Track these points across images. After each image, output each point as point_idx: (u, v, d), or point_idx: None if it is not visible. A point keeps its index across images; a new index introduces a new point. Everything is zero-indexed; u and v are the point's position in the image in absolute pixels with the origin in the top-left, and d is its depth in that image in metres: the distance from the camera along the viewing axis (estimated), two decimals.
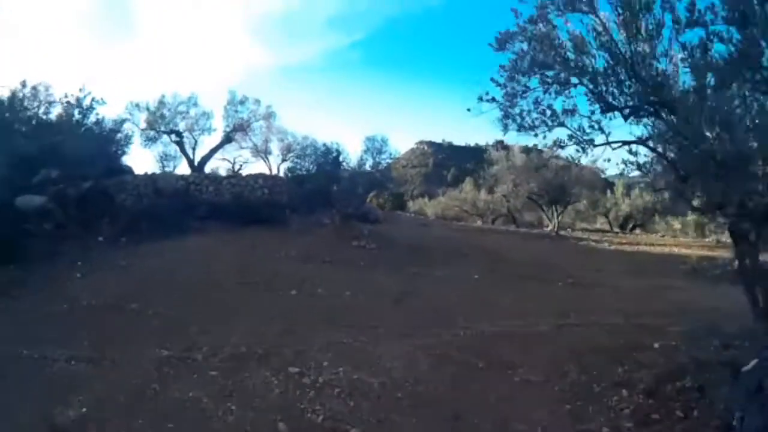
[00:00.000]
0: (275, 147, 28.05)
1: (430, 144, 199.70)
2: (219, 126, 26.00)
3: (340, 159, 26.24)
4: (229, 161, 28.77)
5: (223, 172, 26.62)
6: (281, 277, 11.96)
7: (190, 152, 24.61)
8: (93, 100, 19.92)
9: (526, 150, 25.54)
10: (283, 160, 28.29)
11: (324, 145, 21.98)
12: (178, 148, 24.20)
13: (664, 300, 11.21)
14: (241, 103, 25.03)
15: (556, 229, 24.81)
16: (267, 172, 30.27)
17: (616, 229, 32.89)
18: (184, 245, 15.65)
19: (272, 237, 16.93)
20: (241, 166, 29.40)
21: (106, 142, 21.51)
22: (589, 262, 15.94)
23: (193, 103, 24.29)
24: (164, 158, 25.95)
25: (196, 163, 24.23)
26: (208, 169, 25.85)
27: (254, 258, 13.87)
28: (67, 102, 19.99)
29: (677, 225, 29.46)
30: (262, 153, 28.02)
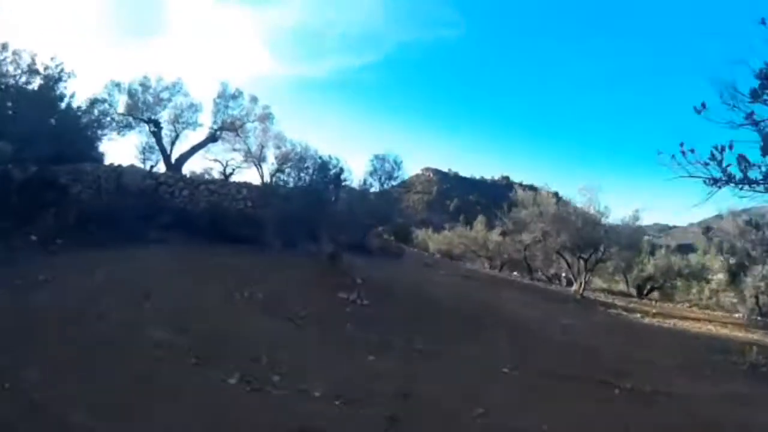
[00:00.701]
0: (271, 154, 24.74)
1: (436, 172, 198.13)
2: (207, 122, 22.62)
3: (342, 177, 23.17)
4: (221, 163, 25.35)
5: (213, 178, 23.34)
6: (229, 343, 8.44)
7: (168, 147, 21.25)
8: (62, 71, 16.49)
9: (557, 197, 22.63)
10: (278, 171, 25.00)
11: (321, 158, 18.77)
12: (155, 141, 20.80)
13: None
14: (234, 97, 21.97)
15: (581, 291, 21.34)
16: (258, 181, 27.20)
17: (632, 289, 30.22)
18: (129, 261, 12.88)
19: (242, 264, 13.96)
20: (233, 171, 26.09)
21: (73, 121, 18.17)
22: (634, 346, 12.81)
23: (177, 90, 21.01)
24: (146, 151, 22.62)
25: (173, 161, 20.82)
26: (187, 169, 22.45)
27: (205, 297, 10.59)
28: (30, 69, 16.58)
29: (705, 291, 26.58)
30: (256, 159, 24.69)
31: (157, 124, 20.71)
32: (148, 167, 21.68)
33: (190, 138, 22.47)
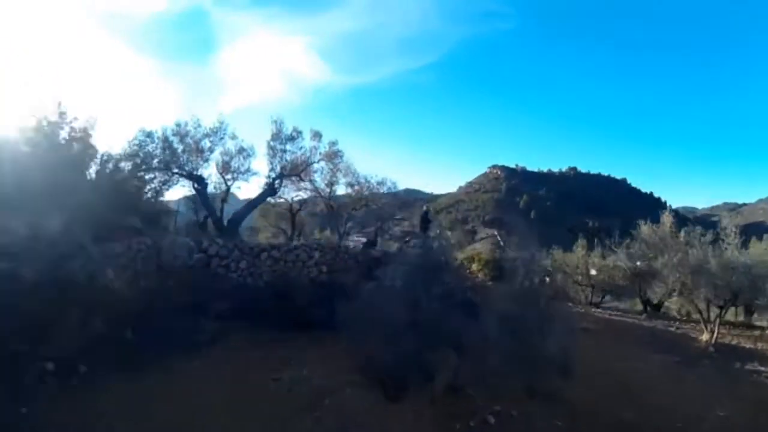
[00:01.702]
0: (342, 188, 20.98)
1: (503, 169, 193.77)
2: (263, 167, 18.71)
3: (428, 216, 19.13)
4: (286, 200, 21.55)
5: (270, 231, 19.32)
6: None
7: (217, 206, 17.34)
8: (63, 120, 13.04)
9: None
10: (353, 209, 21.03)
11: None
12: (199, 199, 16.95)
13: None
14: (292, 139, 17.73)
15: (714, 341, 17.30)
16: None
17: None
18: (166, 393, 9.64)
19: (325, 384, 10.28)
20: (300, 207, 22.31)
21: (100, 187, 14.44)
22: None
23: (222, 134, 17.10)
24: (197, 209, 18.87)
25: (225, 221, 16.90)
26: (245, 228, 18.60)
27: None
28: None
29: None
30: (324, 197, 20.82)
31: (200, 180, 16.80)
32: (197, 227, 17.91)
33: (244, 189, 18.53)
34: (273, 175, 17.86)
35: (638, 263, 23.04)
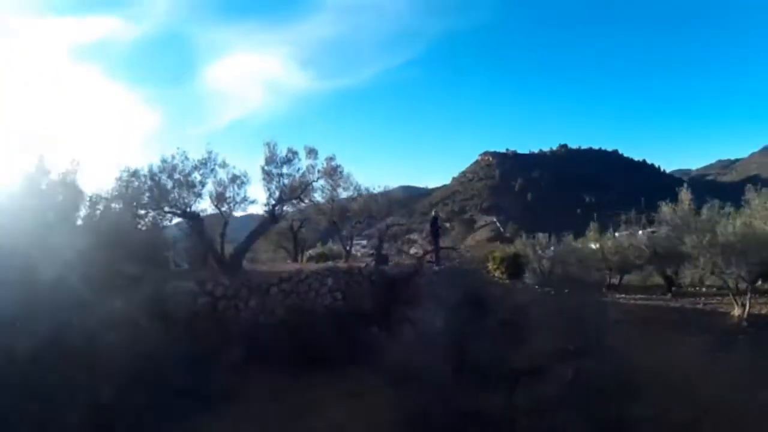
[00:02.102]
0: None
1: (495, 155, 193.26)
2: (260, 195, 17.62)
3: (438, 222, 18.14)
4: (286, 220, 20.58)
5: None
6: None
7: (217, 242, 16.24)
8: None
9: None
10: (357, 222, 20.01)
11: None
12: (198, 238, 15.83)
13: None
14: (288, 161, 16.54)
15: (746, 315, 16.78)
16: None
17: None
18: None
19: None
20: (301, 224, 21.27)
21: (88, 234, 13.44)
22: None
23: (212, 165, 15.90)
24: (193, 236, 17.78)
25: (227, 256, 15.79)
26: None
27: None
28: None
29: None
30: (328, 215, 19.84)
31: (195, 217, 15.65)
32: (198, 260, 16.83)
33: (242, 221, 17.38)
34: (272, 201, 16.68)
35: (659, 248, 22.23)
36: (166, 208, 15.80)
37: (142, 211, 16.08)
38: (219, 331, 12.66)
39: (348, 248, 21.84)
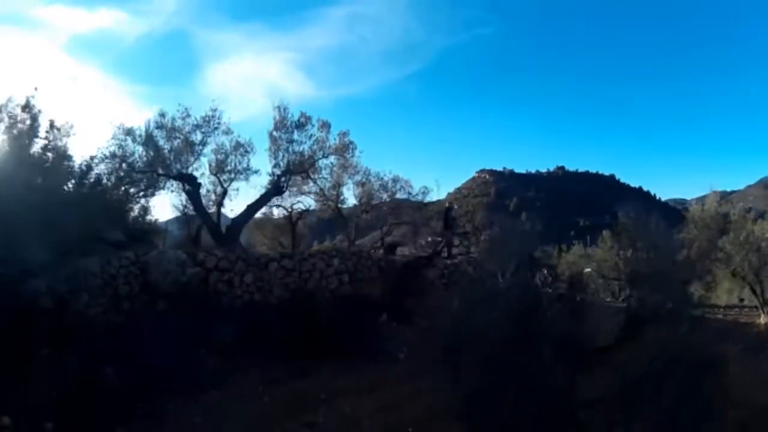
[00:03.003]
0: (351, 191, 18.14)
1: (491, 172, 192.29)
2: (264, 165, 15.81)
3: (452, 214, 16.46)
4: (284, 208, 18.62)
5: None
6: None
7: (213, 211, 14.43)
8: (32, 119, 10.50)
9: None
10: (363, 212, 18.16)
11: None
12: (191, 205, 14.03)
13: None
14: (300, 126, 14.71)
15: None
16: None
17: None
18: None
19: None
20: (300, 215, 19.37)
21: (69, 198, 11.62)
22: None
23: (215, 127, 14.14)
24: (188, 218, 15.98)
25: (224, 229, 14.00)
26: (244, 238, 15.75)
27: None
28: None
29: None
30: (332, 201, 17.93)
31: (191, 180, 13.87)
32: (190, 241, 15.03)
33: (243, 192, 15.54)
34: (278, 171, 14.85)
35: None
36: (160, 170, 14.05)
37: (135, 189, 14.30)
38: (209, 308, 10.94)
39: (352, 239, 20.03)
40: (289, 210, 19.38)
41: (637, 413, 6.26)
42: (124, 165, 14.05)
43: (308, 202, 19.82)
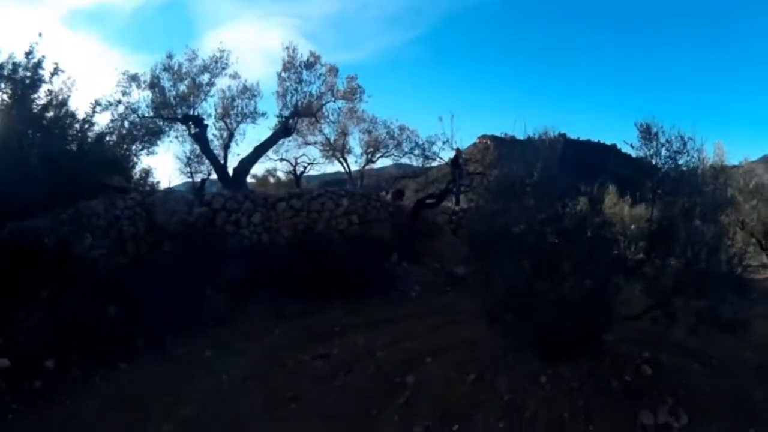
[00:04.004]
0: (357, 142, 17.26)
1: (493, 138, 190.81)
2: (271, 109, 15.07)
3: (460, 161, 15.64)
4: (289, 162, 17.83)
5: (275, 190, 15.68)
6: None
7: (220, 154, 13.69)
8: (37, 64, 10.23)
9: None
10: (369, 161, 17.36)
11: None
12: (198, 147, 13.31)
13: None
14: (309, 66, 13.85)
15: None
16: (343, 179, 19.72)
17: None
18: (167, 392, 6.40)
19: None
20: (304, 169, 18.58)
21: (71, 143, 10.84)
22: None
23: (222, 69, 13.35)
24: (191, 163, 15.28)
25: (230, 172, 13.27)
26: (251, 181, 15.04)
27: None
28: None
29: None
30: (338, 152, 17.07)
31: (198, 121, 13.09)
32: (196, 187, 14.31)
33: (249, 137, 14.81)
34: (286, 113, 14.02)
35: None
36: (165, 113, 13.25)
37: (137, 145, 13.49)
38: (216, 248, 10.26)
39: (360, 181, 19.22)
40: (294, 163, 18.62)
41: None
42: (128, 111, 13.30)
43: (313, 153, 19.11)
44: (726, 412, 5.47)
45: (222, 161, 13.77)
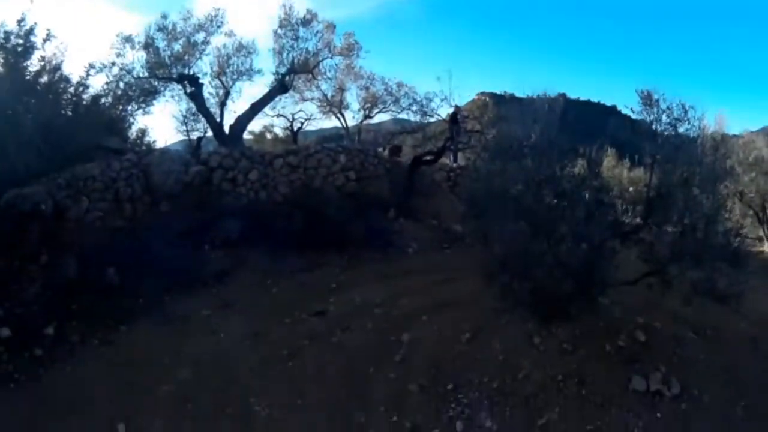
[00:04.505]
0: (354, 98, 16.80)
1: (492, 95, 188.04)
2: (268, 66, 14.65)
3: (459, 118, 15.24)
4: (286, 118, 17.44)
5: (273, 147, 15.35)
6: None
7: (216, 112, 13.35)
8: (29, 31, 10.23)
9: None
10: (366, 117, 16.95)
11: None
12: (194, 105, 12.98)
13: None
14: (306, 23, 13.37)
15: None
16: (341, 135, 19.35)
17: None
18: (169, 351, 6.46)
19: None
20: (301, 126, 18.18)
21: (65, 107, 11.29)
22: None
23: (217, 27, 12.93)
24: (188, 121, 14.96)
25: (227, 130, 12.96)
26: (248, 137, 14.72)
27: None
28: None
29: None
30: (335, 107, 16.65)
31: (193, 80, 12.73)
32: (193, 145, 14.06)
33: (245, 95, 14.42)
34: (282, 70, 13.58)
35: None
36: (160, 73, 12.88)
37: (132, 106, 13.17)
38: (213, 206, 10.07)
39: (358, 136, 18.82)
40: (291, 119, 18.21)
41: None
42: (123, 72, 12.97)
43: (310, 110, 18.69)
44: (718, 382, 5.41)
45: (218, 119, 13.44)
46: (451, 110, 17.17)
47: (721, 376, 5.41)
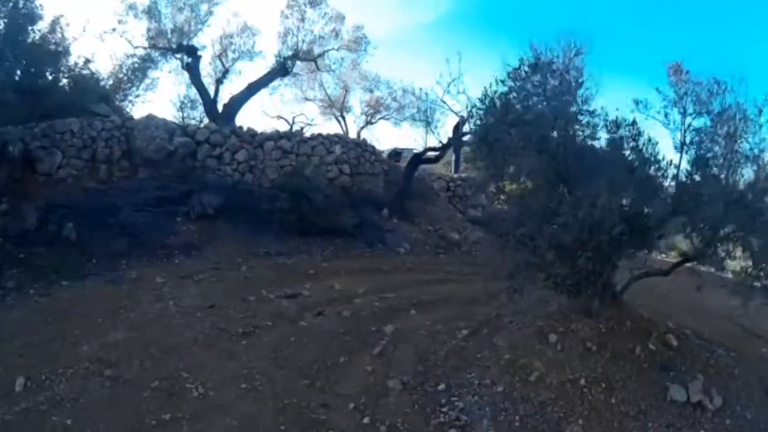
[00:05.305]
0: (357, 100, 16.06)
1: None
2: (270, 49, 13.94)
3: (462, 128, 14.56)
4: (285, 120, 16.67)
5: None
6: None
7: (211, 88, 12.55)
8: None
9: None
10: (368, 123, 16.26)
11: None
12: (189, 77, 12.18)
13: None
14: (314, 4, 12.61)
15: None
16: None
17: None
18: (109, 315, 5.41)
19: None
20: (302, 129, 17.36)
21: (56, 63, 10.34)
22: None
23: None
24: (184, 107, 14.22)
25: (221, 108, 12.15)
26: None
27: None
28: None
29: None
30: (336, 109, 15.91)
31: (191, 51, 11.92)
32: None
33: (245, 75, 13.63)
34: (286, 54, 12.74)
35: None
36: (161, 44, 12.05)
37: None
38: (194, 180, 9.28)
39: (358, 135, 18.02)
40: (291, 123, 17.34)
41: None
42: (122, 39, 12.22)
43: (312, 113, 18.02)
44: (758, 398, 4.57)
45: (213, 97, 12.57)
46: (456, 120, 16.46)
47: (759, 392, 4.55)
